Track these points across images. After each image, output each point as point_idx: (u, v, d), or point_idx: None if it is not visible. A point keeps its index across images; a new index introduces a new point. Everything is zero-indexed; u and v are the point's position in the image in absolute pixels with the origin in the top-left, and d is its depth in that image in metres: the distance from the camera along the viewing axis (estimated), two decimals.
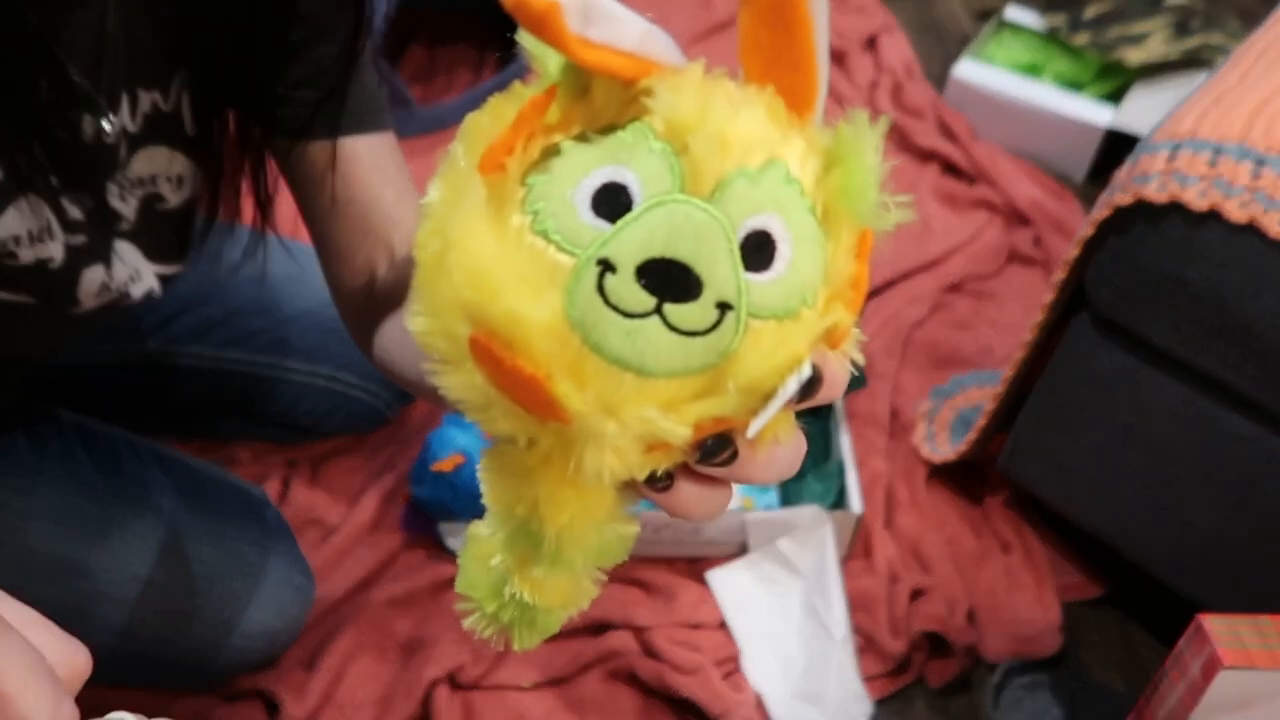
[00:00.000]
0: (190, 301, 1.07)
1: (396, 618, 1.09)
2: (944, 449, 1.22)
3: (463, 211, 0.33)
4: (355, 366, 1.14)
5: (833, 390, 0.34)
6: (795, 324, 0.33)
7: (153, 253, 0.77)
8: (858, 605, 1.11)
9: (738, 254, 0.32)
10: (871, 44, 1.80)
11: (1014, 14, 1.75)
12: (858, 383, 1.19)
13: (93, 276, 0.73)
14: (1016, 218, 1.54)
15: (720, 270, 0.32)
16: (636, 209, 0.32)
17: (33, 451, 0.91)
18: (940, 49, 1.81)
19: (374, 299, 0.75)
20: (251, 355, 1.11)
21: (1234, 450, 0.95)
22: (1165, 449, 1.00)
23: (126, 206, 0.73)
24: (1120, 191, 0.91)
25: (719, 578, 1.13)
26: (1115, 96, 1.61)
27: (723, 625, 1.10)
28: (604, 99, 0.33)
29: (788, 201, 0.34)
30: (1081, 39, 1.68)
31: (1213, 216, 0.86)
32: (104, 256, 0.74)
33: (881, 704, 1.06)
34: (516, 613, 0.42)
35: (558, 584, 0.41)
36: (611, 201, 0.32)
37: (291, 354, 1.12)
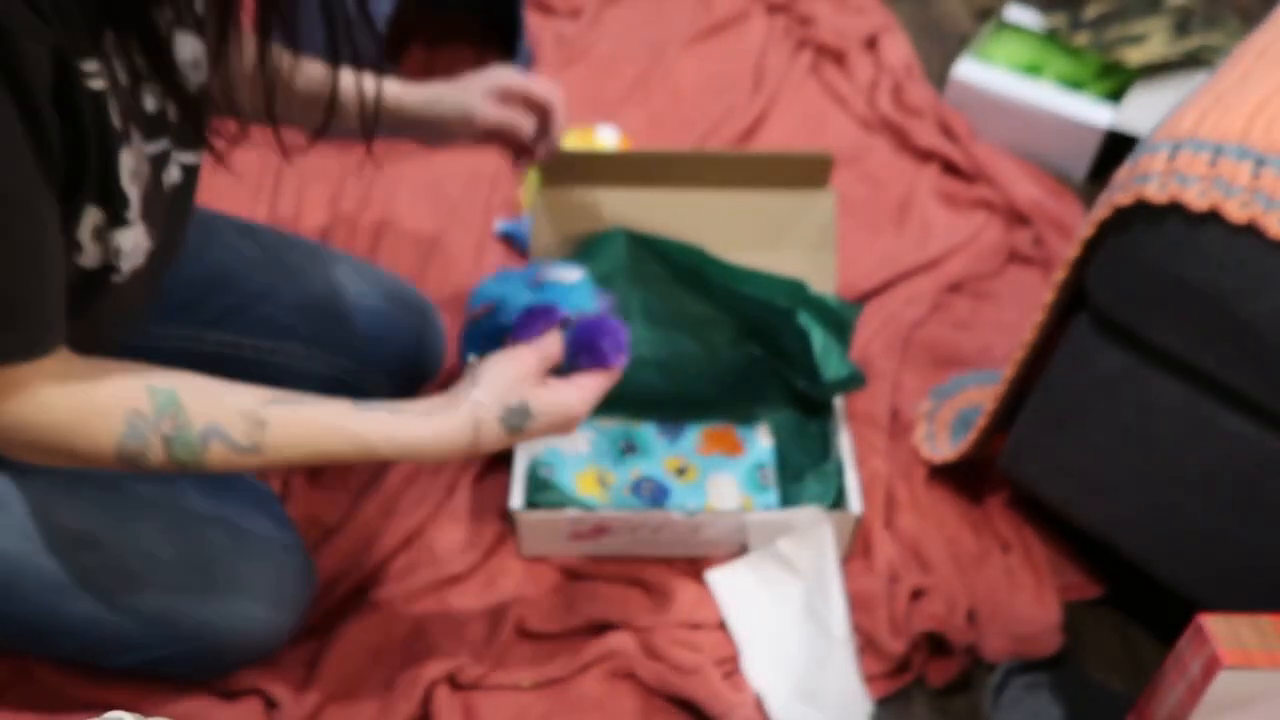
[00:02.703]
0: (194, 287, 1.08)
1: (396, 618, 1.09)
2: (944, 449, 1.22)
3: None
4: (355, 355, 1.14)
5: None
6: None
7: (177, 140, 0.81)
8: (858, 605, 1.11)
9: None
10: (871, 44, 1.80)
11: (1014, 14, 1.75)
12: (857, 382, 1.19)
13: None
14: (1016, 218, 1.54)
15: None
16: None
17: None
18: (940, 49, 1.81)
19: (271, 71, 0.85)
20: (252, 341, 1.11)
21: (1234, 450, 0.95)
22: (1165, 449, 1.00)
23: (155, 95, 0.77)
24: (1120, 191, 0.91)
25: (719, 578, 1.13)
26: (1115, 96, 1.61)
27: (723, 625, 1.10)
28: None
29: None
30: (1081, 39, 1.68)
31: (1213, 216, 0.86)
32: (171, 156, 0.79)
33: (881, 704, 1.06)
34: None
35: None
36: None
37: (292, 340, 1.12)
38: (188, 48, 0.79)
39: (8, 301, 0.69)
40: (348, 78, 0.98)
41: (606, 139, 1.50)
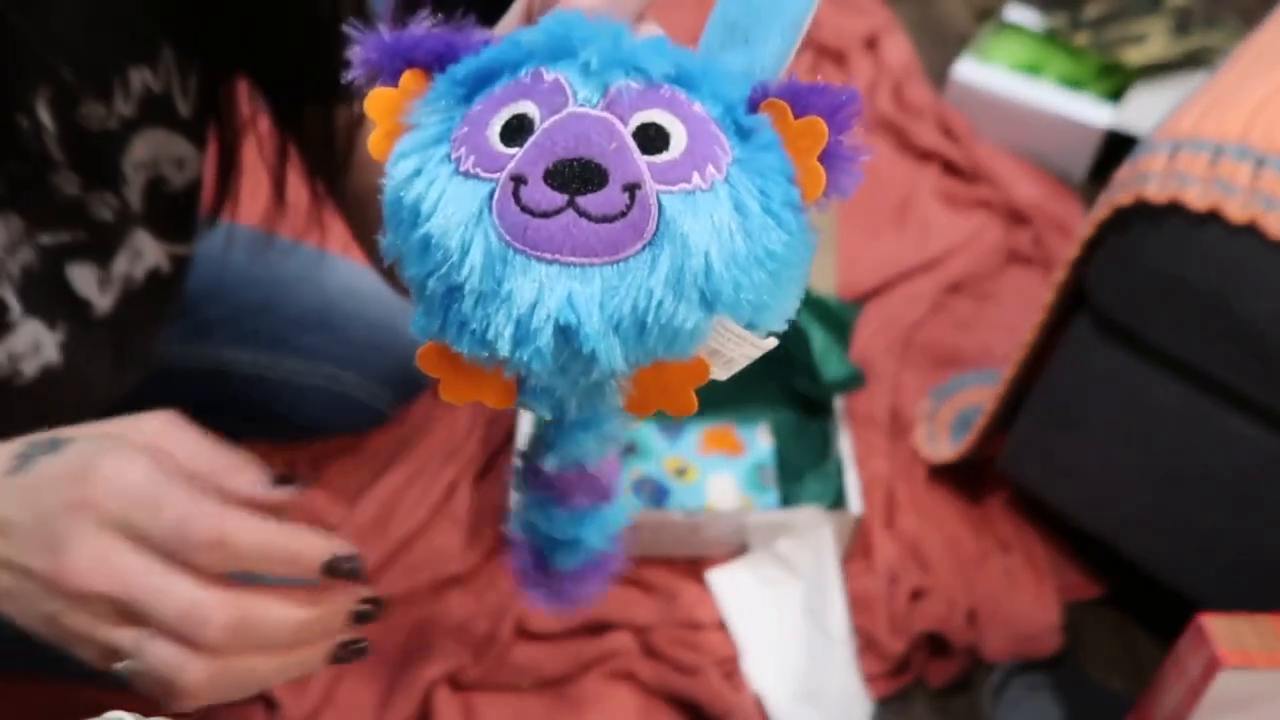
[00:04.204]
0: (191, 301, 1.08)
1: (397, 618, 1.09)
2: (944, 449, 1.22)
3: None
4: (355, 366, 1.14)
5: None
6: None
7: (162, 234, 0.78)
8: (858, 605, 1.11)
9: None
10: (871, 44, 1.80)
11: (1014, 14, 1.75)
12: (857, 382, 1.19)
13: (84, 273, 0.73)
14: (1016, 218, 1.54)
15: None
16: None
17: None
18: (940, 49, 1.81)
19: None
20: (253, 355, 1.11)
21: (1234, 450, 0.95)
22: (1165, 449, 1.00)
23: (130, 190, 0.74)
24: (1120, 191, 0.91)
25: (719, 578, 1.13)
26: (1115, 96, 1.61)
27: (723, 625, 1.10)
28: None
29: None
30: (1081, 39, 1.68)
31: (1213, 216, 0.86)
32: (107, 252, 0.74)
33: (881, 704, 1.06)
34: None
35: None
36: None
37: (292, 354, 1.12)
38: (159, 144, 0.75)
39: None
40: None
41: None
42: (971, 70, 1.66)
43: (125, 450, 0.47)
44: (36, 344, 0.70)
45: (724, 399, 1.24)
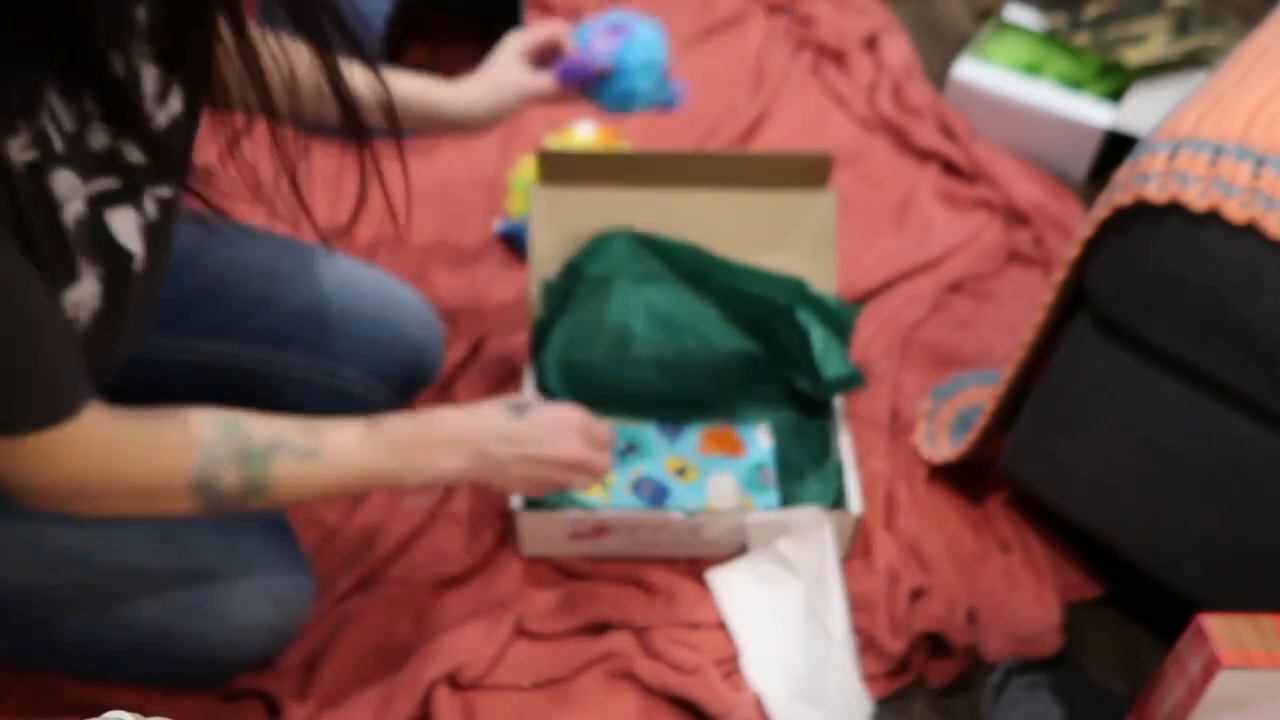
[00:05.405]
0: (189, 297, 1.08)
1: (397, 618, 1.09)
2: (944, 449, 1.22)
3: None
4: (354, 362, 1.14)
5: None
6: None
7: (148, 176, 0.79)
8: (858, 605, 1.11)
9: None
10: (871, 44, 1.80)
11: (1014, 14, 1.75)
12: (857, 382, 1.19)
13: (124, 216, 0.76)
14: (1016, 218, 1.54)
15: None
16: None
17: None
18: (940, 49, 1.81)
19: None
20: (252, 350, 1.11)
21: (1234, 450, 0.95)
22: (1165, 449, 1.00)
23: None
24: (1120, 191, 0.91)
25: (719, 578, 1.13)
26: (1115, 96, 1.61)
27: (723, 625, 1.10)
28: None
29: None
30: (1081, 39, 1.68)
31: (1213, 216, 0.86)
32: (139, 197, 0.77)
33: (881, 704, 1.06)
34: None
35: None
36: None
37: (290, 349, 1.12)
38: (151, 80, 0.76)
39: (11, 374, 0.70)
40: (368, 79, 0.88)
41: (584, 134, 1.49)
42: (971, 70, 1.66)
43: (565, 407, 1.00)
44: (90, 292, 0.75)
45: (724, 399, 1.24)
